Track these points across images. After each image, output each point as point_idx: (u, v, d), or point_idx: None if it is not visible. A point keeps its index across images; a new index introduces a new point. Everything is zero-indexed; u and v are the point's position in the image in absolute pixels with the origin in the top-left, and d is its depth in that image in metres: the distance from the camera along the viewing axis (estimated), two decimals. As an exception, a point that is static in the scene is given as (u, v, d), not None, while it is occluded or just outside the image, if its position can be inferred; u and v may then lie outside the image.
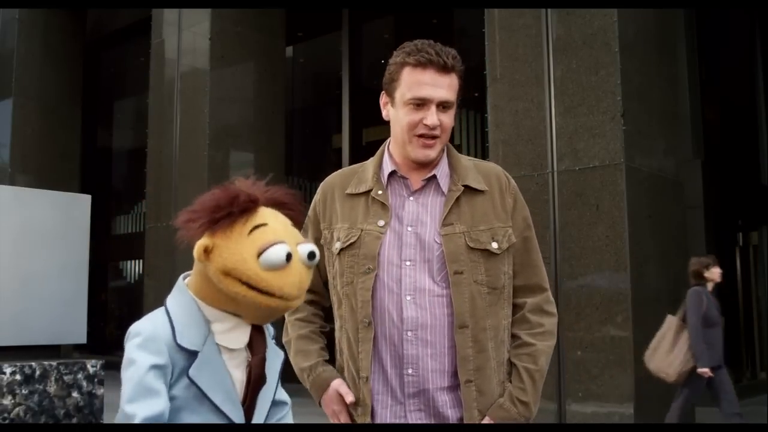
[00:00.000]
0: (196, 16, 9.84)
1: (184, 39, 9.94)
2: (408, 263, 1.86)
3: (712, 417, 7.68)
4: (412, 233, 1.88)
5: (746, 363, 10.69)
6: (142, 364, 1.49)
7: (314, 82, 14.81)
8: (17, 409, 1.65)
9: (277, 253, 1.54)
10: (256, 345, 1.65)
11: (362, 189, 1.95)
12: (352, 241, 1.89)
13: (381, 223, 1.89)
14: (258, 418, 1.66)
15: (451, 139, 2.02)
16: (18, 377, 1.67)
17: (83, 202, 2.00)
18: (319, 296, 2.03)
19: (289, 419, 1.76)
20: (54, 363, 1.72)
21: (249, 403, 1.63)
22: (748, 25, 11.18)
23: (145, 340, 1.52)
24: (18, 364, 1.67)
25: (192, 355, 1.55)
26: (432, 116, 1.86)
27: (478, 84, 6.89)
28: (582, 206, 5.98)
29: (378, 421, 1.85)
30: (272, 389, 1.69)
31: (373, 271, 1.85)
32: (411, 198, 1.92)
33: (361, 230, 1.89)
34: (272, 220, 1.62)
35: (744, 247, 10.96)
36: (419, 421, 1.84)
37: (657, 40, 6.82)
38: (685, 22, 8.90)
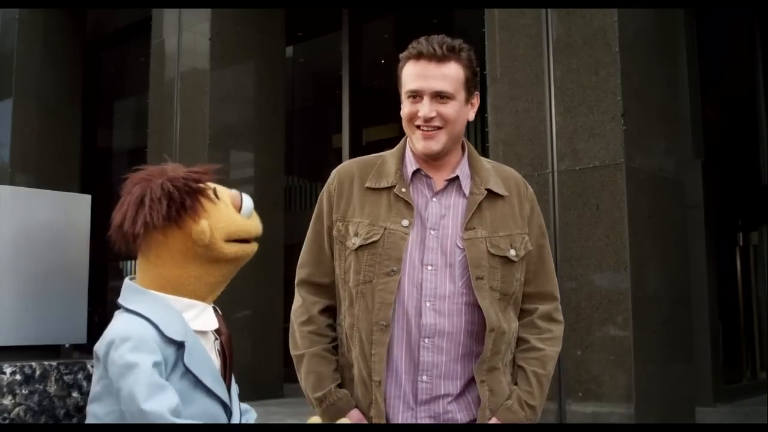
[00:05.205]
0: (196, 16, 9.83)
1: (184, 39, 9.93)
2: (430, 268, 1.82)
3: (713, 417, 7.68)
4: (435, 237, 1.84)
5: (746, 363, 10.69)
6: (145, 364, 1.50)
7: (314, 82, 14.81)
8: (17, 409, 1.64)
9: (249, 200, 1.77)
10: (220, 326, 1.73)
11: (384, 184, 1.88)
12: (374, 239, 1.82)
13: (405, 222, 1.83)
14: (234, 395, 1.73)
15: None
16: (18, 377, 1.66)
17: (83, 202, 1.99)
18: (331, 297, 1.94)
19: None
20: (54, 363, 1.72)
21: (227, 381, 1.70)
22: (748, 25, 11.18)
23: (138, 342, 1.53)
24: (18, 364, 1.67)
25: (179, 346, 1.56)
26: (425, 107, 1.82)
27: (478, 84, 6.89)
28: (582, 206, 5.98)
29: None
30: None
31: (397, 274, 1.80)
32: (434, 199, 1.87)
33: (384, 228, 1.83)
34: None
35: (744, 247, 10.95)
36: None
37: (657, 40, 6.81)
38: (685, 22, 8.90)
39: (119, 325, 1.59)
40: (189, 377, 1.57)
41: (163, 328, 1.56)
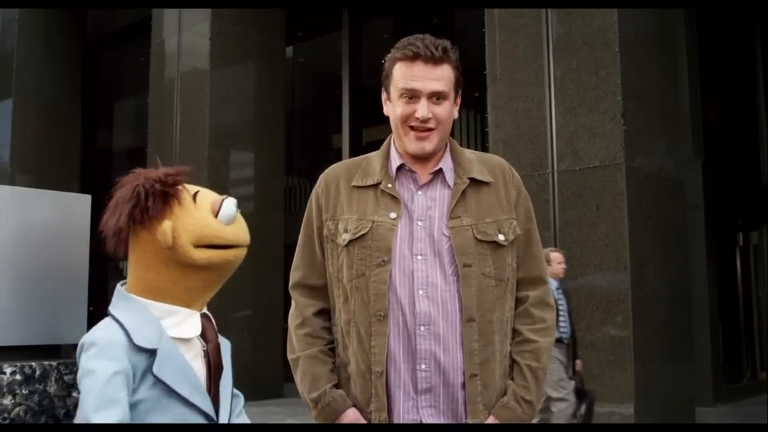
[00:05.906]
0: (196, 16, 9.84)
1: (184, 39, 9.94)
2: (420, 257, 1.83)
3: (713, 417, 7.68)
4: (422, 228, 1.86)
5: (746, 363, 10.70)
6: (102, 372, 1.48)
7: (314, 82, 14.82)
8: (17, 409, 1.64)
9: (229, 206, 1.65)
10: (207, 333, 1.68)
11: (370, 182, 1.91)
12: (363, 232, 1.85)
13: (393, 215, 1.86)
14: (224, 406, 1.67)
15: (452, 136, 2.02)
16: (18, 377, 1.66)
17: (83, 202, 1.99)
18: (325, 300, 1.95)
19: (244, 413, 1.78)
20: (54, 363, 1.72)
21: (213, 392, 1.65)
22: (748, 25, 11.18)
23: (102, 348, 1.52)
24: (18, 364, 1.67)
25: (151, 354, 1.55)
26: (423, 108, 1.85)
27: (478, 84, 6.89)
28: (582, 206, 5.98)
29: (393, 417, 1.81)
30: (230, 377, 1.71)
31: (388, 264, 1.82)
32: (419, 192, 1.90)
33: (372, 222, 1.85)
34: (195, 186, 1.70)
35: (744, 247, 10.96)
36: (431, 418, 1.80)
37: (657, 40, 6.82)
38: (685, 22, 8.91)
39: (94, 329, 1.58)
40: (161, 386, 1.55)
41: (132, 335, 1.55)
